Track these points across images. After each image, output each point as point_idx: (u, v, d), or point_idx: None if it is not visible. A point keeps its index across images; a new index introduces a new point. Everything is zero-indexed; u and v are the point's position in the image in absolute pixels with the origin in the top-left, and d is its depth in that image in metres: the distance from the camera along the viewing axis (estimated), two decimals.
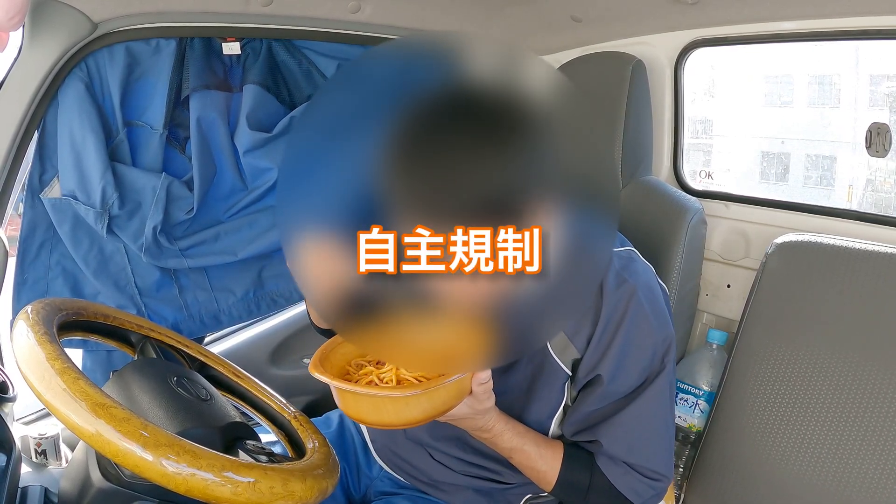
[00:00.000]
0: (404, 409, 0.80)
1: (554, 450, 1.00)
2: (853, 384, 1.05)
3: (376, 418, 0.81)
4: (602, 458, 0.98)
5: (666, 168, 1.50)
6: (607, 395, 0.97)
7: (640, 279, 0.98)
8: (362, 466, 1.26)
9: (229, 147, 1.49)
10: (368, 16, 1.53)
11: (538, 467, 0.99)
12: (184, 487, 0.70)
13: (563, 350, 0.99)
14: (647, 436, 0.97)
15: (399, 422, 0.81)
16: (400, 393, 0.81)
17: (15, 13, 1.08)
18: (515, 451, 0.98)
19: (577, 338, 0.98)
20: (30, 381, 0.76)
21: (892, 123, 1.20)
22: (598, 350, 0.97)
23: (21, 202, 1.41)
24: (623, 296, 0.95)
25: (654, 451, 0.98)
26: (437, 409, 0.83)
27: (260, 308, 1.62)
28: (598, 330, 0.96)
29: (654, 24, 1.43)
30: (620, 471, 0.98)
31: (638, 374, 0.96)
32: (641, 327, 0.96)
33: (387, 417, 0.81)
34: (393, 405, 0.80)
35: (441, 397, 0.82)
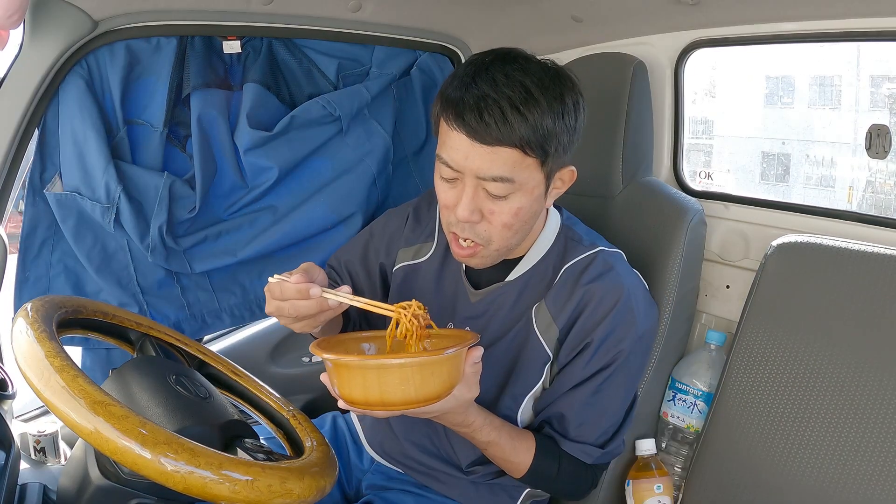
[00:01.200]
0: (410, 380, 0.81)
1: (527, 442, 1.04)
2: (851, 385, 1.05)
3: (378, 395, 0.81)
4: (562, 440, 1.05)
5: (666, 168, 1.50)
6: (574, 374, 1.03)
7: (629, 279, 1.05)
8: (354, 460, 1.27)
9: (230, 145, 1.49)
10: (369, 15, 1.53)
11: (511, 459, 1.03)
12: (182, 485, 0.71)
13: (547, 329, 1.04)
14: (598, 413, 1.04)
15: (402, 398, 0.81)
16: (407, 358, 0.81)
17: (14, 11, 1.08)
18: (491, 445, 1.01)
19: (559, 319, 1.03)
20: (29, 378, 0.76)
21: (892, 125, 1.20)
22: (578, 335, 1.02)
23: (21, 199, 1.42)
24: (613, 288, 1.01)
25: (604, 427, 1.05)
26: (436, 387, 0.83)
27: (262, 309, 1.62)
28: (581, 318, 1.02)
29: (655, 25, 1.43)
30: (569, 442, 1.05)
31: (608, 359, 1.02)
32: (626, 320, 1.01)
33: (390, 393, 0.81)
34: (399, 374, 0.80)
35: (442, 370, 0.83)
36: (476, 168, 0.92)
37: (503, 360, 1.07)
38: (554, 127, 0.91)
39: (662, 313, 1.21)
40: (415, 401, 0.82)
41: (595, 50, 1.52)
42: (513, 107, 0.89)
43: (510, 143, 0.90)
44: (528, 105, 0.89)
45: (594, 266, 1.04)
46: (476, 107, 0.89)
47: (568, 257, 1.06)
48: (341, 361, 0.82)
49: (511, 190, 0.93)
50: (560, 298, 1.04)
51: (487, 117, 0.88)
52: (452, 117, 0.91)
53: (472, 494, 1.15)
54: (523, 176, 0.93)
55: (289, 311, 0.90)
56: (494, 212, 0.95)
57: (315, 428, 1.01)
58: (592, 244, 1.07)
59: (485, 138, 0.90)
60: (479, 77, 0.91)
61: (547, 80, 0.92)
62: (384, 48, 1.63)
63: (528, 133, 0.89)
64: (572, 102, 0.94)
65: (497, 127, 0.89)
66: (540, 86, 0.91)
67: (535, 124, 0.89)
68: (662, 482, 1.22)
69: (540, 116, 0.90)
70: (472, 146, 0.91)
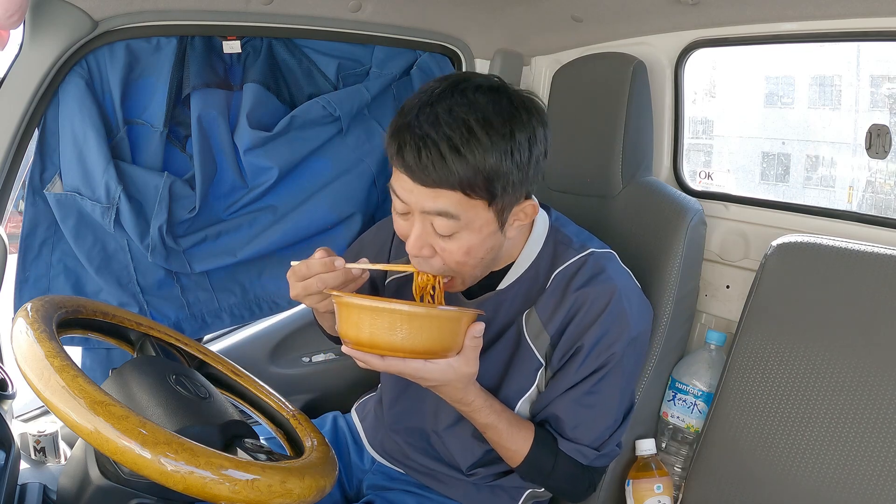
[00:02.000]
0: (417, 330, 0.85)
1: (525, 432, 1.04)
2: (851, 385, 1.05)
3: (386, 338, 0.85)
4: (560, 440, 1.05)
5: (666, 168, 1.50)
6: (568, 377, 1.03)
7: (621, 279, 1.04)
8: (354, 460, 1.27)
9: (230, 145, 1.49)
10: (369, 15, 1.53)
11: (508, 446, 1.03)
12: (182, 485, 0.71)
13: (538, 336, 1.04)
14: (593, 415, 1.04)
15: (389, 343, 0.85)
16: (398, 305, 0.86)
17: (14, 11, 1.08)
18: (489, 428, 1.01)
19: (550, 325, 1.03)
20: (29, 378, 0.76)
21: (892, 125, 1.20)
22: (570, 340, 1.02)
23: (21, 199, 1.42)
24: (604, 291, 1.00)
25: (600, 429, 1.05)
26: (437, 341, 0.87)
27: (262, 309, 1.62)
28: (573, 323, 1.01)
29: (655, 25, 1.43)
30: (566, 441, 1.05)
31: (601, 362, 1.02)
32: (618, 322, 1.01)
33: (378, 336, 0.85)
34: (408, 322, 0.84)
35: (432, 327, 0.86)
36: (421, 205, 0.89)
37: (495, 367, 1.06)
38: (500, 167, 0.86)
39: (662, 313, 1.21)
40: (401, 349, 0.85)
41: (595, 50, 1.52)
42: (452, 148, 0.84)
43: (450, 185, 0.86)
44: (470, 145, 0.85)
45: (584, 270, 1.02)
46: (416, 147, 0.85)
47: (558, 262, 1.04)
48: (342, 299, 0.87)
49: (457, 228, 0.90)
50: (550, 305, 1.03)
51: (426, 159, 0.85)
52: (394, 155, 0.89)
53: (474, 495, 1.15)
54: (469, 215, 0.89)
55: (316, 286, 0.93)
56: (445, 249, 0.93)
57: (315, 428, 1.01)
58: (583, 246, 1.05)
59: (424, 180, 0.87)
60: (422, 113, 0.86)
61: (495, 115, 0.86)
62: (384, 48, 1.62)
63: (469, 175, 0.85)
64: (525, 137, 0.89)
65: (435, 169, 0.85)
66: (484, 123, 0.86)
67: (476, 166, 0.85)
68: (662, 482, 1.22)
69: (482, 157, 0.85)
70: (415, 186, 0.88)
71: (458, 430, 1.10)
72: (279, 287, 1.62)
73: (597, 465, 1.07)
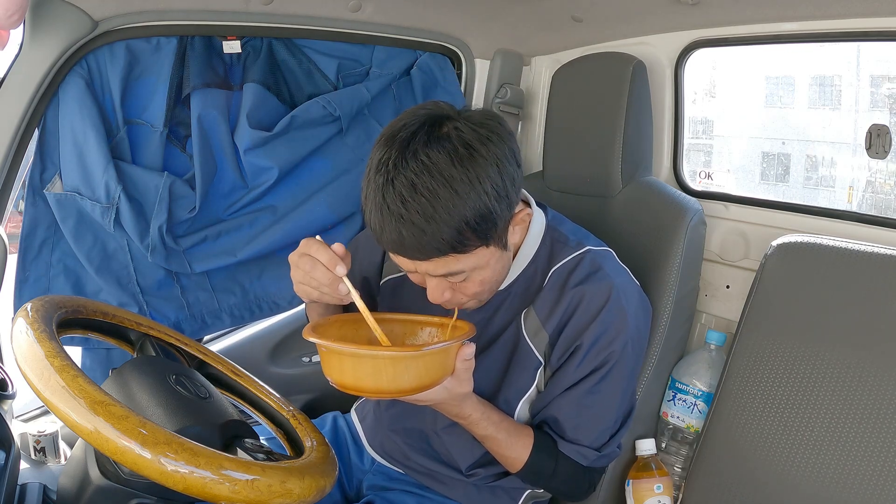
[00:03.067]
0: (402, 372, 0.82)
1: (525, 438, 1.04)
2: (852, 385, 1.05)
3: (372, 383, 0.83)
4: (560, 441, 1.05)
5: (666, 168, 1.50)
6: (567, 376, 1.03)
7: (619, 277, 1.04)
8: (354, 460, 1.27)
9: (230, 145, 1.49)
10: (369, 15, 1.53)
11: (508, 454, 1.04)
12: (182, 485, 0.71)
13: (536, 334, 1.04)
14: (593, 415, 1.04)
15: (375, 387, 0.83)
16: (400, 351, 0.84)
17: (14, 11, 1.08)
18: (488, 439, 1.02)
19: (548, 323, 1.03)
20: (29, 378, 0.76)
21: (892, 125, 1.20)
22: (569, 339, 1.02)
23: (21, 199, 1.42)
24: (602, 289, 1.01)
25: (600, 430, 1.05)
26: (426, 378, 0.85)
27: (262, 309, 1.62)
28: (571, 321, 1.01)
29: (655, 25, 1.43)
30: (566, 443, 1.05)
31: (600, 361, 1.02)
32: (617, 320, 1.01)
33: (364, 380, 0.83)
34: (392, 366, 0.82)
35: (419, 366, 0.84)
36: (426, 270, 0.92)
37: (495, 367, 1.06)
38: (479, 210, 0.87)
39: (662, 313, 1.21)
40: (388, 391, 0.84)
41: (595, 50, 1.52)
42: (428, 218, 0.85)
43: (441, 252, 0.88)
44: (443, 208, 0.85)
45: (581, 267, 1.02)
46: (396, 230, 0.86)
47: (555, 260, 1.05)
48: (320, 345, 0.84)
49: (467, 275, 0.94)
50: (548, 303, 1.03)
51: (409, 238, 0.86)
52: (379, 240, 0.91)
53: (474, 496, 1.15)
54: (472, 262, 0.92)
55: (305, 265, 0.92)
56: (461, 287, 0.96)
57: (315, 428, 1.01)
58: (579, 244, 1.05)
59: (416, 255, 0.89)
60: (387, 193, 0.86)
61: (454, 167, 0.85)
62: (384, 48, 1.62)
63: (453, 235, 0.86)
64: (493, 169, 0.87)
65: (421, 244, 0.87)
66: (448, 180, 0.84)
67: (457, 224, 0.86)
68: (662, 482, 1.22)
69: (459, 213, 0.85)
70: (412, 262, 0.91)
71: (457, 431, 1.10)
72: (279, 287, 1.62)
73: (597, 465, 1.07)
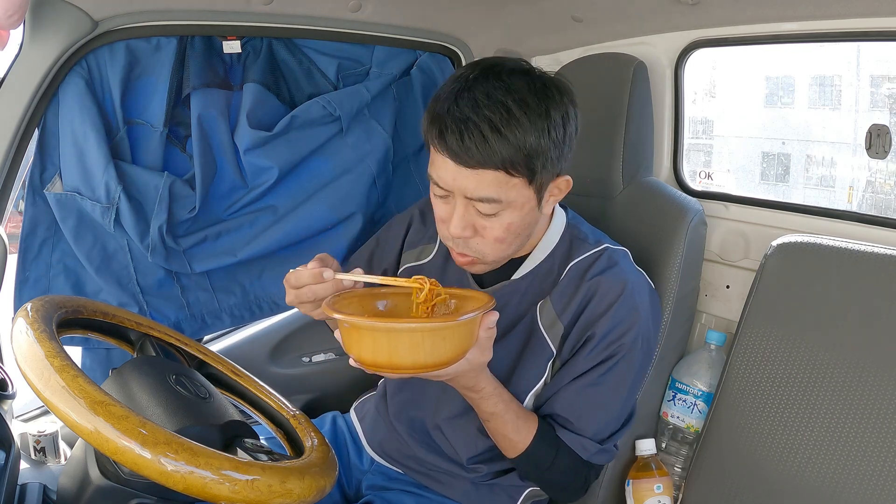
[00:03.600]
0: (420, 345, 0.80)
1: (530, 423, 1.04)
2: (851, 385, 1.05)
3: (387, 358, 0.80)
4: (559, 429, 1.05)
5: (666, 169, 1.50)
6: (576, 366, 1.03)
7: (633, 275, 1.05)
8: (353, 460, 1.27)
9: (230, 145, 1.49)
10: (369, 14, 1.53)
11: (511, 436, 1.03)
12: (182, 485, 0.71)
13: (552, 326, 1.05)
14: (597, 406, 1.04)
15: (412, 362, 0.80)
16: (419, 323, 0.81)
17: (14, 11, 1.08)
18: (495, 416, 1.00)
19: (564, 315, 1.04)
20: (29, 378, 0.76)
21: (892, 125, 1.20)
22: (582, 328, 1.03)
23: (21, 199, 1.42)
24: (617, 282, 1.02)
25: (603, 422, 1.05)
26: (458, 348, 0.83)
27: (262, 309, 1.62)
28: (586, 311, 1.02)
29: (655, 25, 1.43)
30: (568, 432, 1.04)
31: (609, 352, 1.02)
32: (630, 314, 1.01)
33: (400, 357, 0.80)
34: (410, 339, 0.80)
35: (454, 336, 0.82)
36: (464, 188, 0.92)
37: (507, 358, 1.07)
38: (539, 144, 0.90)
39: (662, 313, 1.21)
40: (424, 366, 0.81)
41: (595, 50, 1.52)
42: (493, 129, 0.88)
43: (493, 165, 0.89)
44: (510, 125, 0.88)
45: (599, 262, 1.04)
46: (458, 130, 0.89)
47: (574, 255, 1.07)
48: (352, 322, 0.81)
49: (500, 208, 0.94)
50: (565, 295, 1.04)
51: (468, 141, 0.88)
52: (436, 140, 0.92)
53: (473, 495, 1.15)
54: (511, 195, 0.93)
55: (307, 296, 0.92)
56: (486, 227, 0.96)
57: (315, 428, 1.01)
58: (598, 242, 1.08)
59: (468, 161, 0.90)
60: (461, 97, 0.90)
61: (530, 96, 0.91)
62: (384, 48, 1.63)
63: (511, 154, 0.89)
64: (560, 115, 0.93)
65: (478, 150, 0.88)
66: (522, 104, 0.89)
67: (517, 145, 0.89)
68: (662, 482, 1.22)
69: (522, 136, 0.89)
70: (458, 168, 0.91)
71: (460, 422, 1.10)
72: (279, 287, 1.61)
73: (595, 461, 1.06)
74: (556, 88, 0.94)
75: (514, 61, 0.96)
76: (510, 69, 0.93)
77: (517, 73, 0.93)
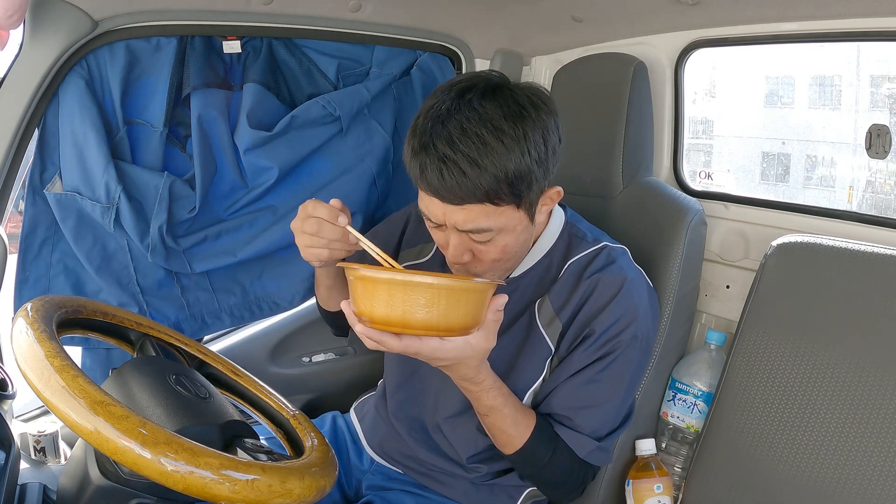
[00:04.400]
0: (436, 303, 0.79)
1: (528, 419, 1.03)
2: (851, 385, 1.05)
3: (400, 314, 0.80)
4: (556, 425, 1.04)
5: (666, 169, 1.50)
6: (574, 363, 1.03)
7: (632, 272, 1.06)
8: (353, 460, 1.27)
9: (230, 145, 1.49)
10: (369, 14, 1.53)
11: (510, 431, 1.02)
12: (182, 485, 0.71)
13: (550, 323, 1.05)
14: (595, 403, 1.03)
15: (424, 321, 0.80)
16: (438, 278, 0.80)
17: (14, 11, 1.08)
18: (494, 410, 1.00)
19: (562, 312, 1.04)
20: (29, 378, 0.76)
21: (892, 125, 1.20)
22: (580, 326, 1.03)
23: (21, 199, 1.42)
24: (615, 279, 1.02)
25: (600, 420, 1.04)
26: (461, 317, 0.82)
27: (262, 309, 1.62)
28: (584, 308, 1.03)
29: (655, 25, 1.43)
30: (565, 429, 1.04)
31: (607, 349, 1.02)
32: (628, 311, 1.02)
33: (413, 313, 0.79)
34: (427, 294, 0.79)
35: (468, 301, 0.82)
36: (454, 222, 0.93)
37: (505, 355, 1.07)
38: (520, 167, 0.90)
39: (663, 313, 1.21)
40: (436, 326, 0.81)
41: (595, 50, 1.52)
42: (471, 162, 0.88)
43: (477, 199, 0.90)
44: (488, 156, 0.88)
45: (598, 260, 1.05)
46: (437, 169, 0.89)
47: (572, 253, 1.07)
48: (369, 275, 0.81)
49: (493, 235, 0.95)
50: (564, 293, 1.04)
51: (449, 179, 0.88)
52: (417, 178, 0.93)
53: (473, 495, 1.15)
54: (501, 221, 0.93)
55: (311, 228, 0.94)
56: (483, 251, 0.97)
57: (315, 428, 1.01)
58: (597, 240, 1.08)
59: (452, 199, 0.90)
60: (436, 134, 0.90)
61: (505, 121, 0.89)
62: (384, 48, 1.63)
63: (492, 184, 0.89)
64: (539, 134, 0.92)
65: (460, 186, 0.89)
66: (497, 131, 0.89)
67: (497, 174, 0.89)
68: (662, 482, 1.22)
69: (502, 164, 0.88)
70: (444, 205, 0.92)
71: (459, 421, 1.10)
72: (279, 287, 1.62)
73: (591, 460, 1.06)
74: (531, 105, 0.92)
75: (488, 78, 0.94)
76: (482, 92, 0.91)
77: (489, 95, 0.91)
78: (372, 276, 0.81)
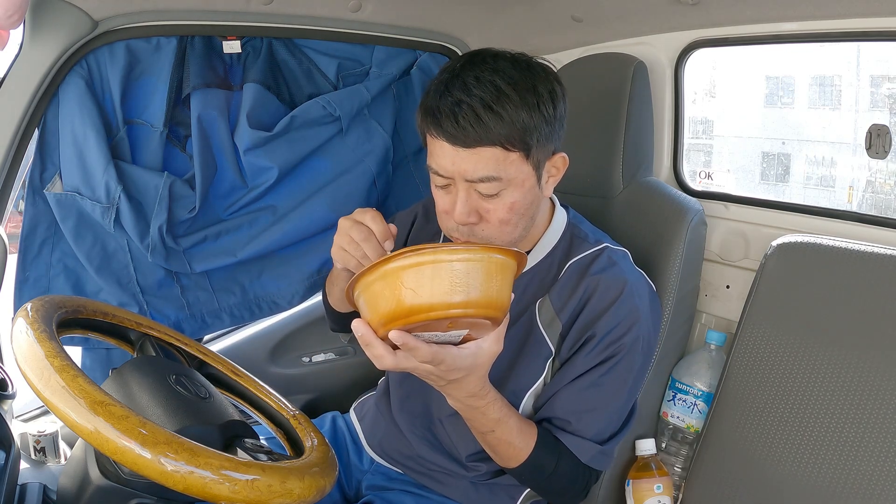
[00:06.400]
0: (464, 277, 0.77)
1: (530, 426, 1.03)
2: (851, 385, 1.05)
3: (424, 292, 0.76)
4: (557, 431, 1.03)
5: (666, 169, 1.50)
6: (575, 367, 1.03)
7: (633, 275, 1.05)
8: (353, 461, 1.27)
9: (230, 145, 1.49)
10: (369, 14, 1.53)
11: (516, 443, 1.00)
12: (182, 485, 0.71)
13: (550, 324, 1.05)
14: (597, 407, 1.03)
15: (450, 299, 0.76)
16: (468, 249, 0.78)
17: (14, 11, 1.08)
18: (500, 423, 0.98)
19: (563, 313, 1.04)
20: (29, 378, 0.76)
21: (892, 125, 1.20)
22: (581, 328, 1.02)
23: (21, 199, 1.42)
24: (617, 281, 1.02)
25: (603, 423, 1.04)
26: (484, 293, 0.79)
27: (262, 309, 1.62)
28: (585, 310, 1.02)
29: (655, 25, 1.43)
30: (568, 435, 1.03)
31: (609, 352, 1.02)
32: (630, 314, 1.01)
33: (439, 289, 0.76)
34: (450, 271, 0.76)
35: (494, 276, 0.79)
36: (463, 171, 0.94)
37: (505, 355, 1.05)
38: (531, 119, 0.93)
39: (663, 313, 1.21)
40: (465, 303, 0.77)
41: (595, 50, 1.52)
42: (486, 106, 0.91)
43: (489, 142, 0.92)
44: (501, 102, 0.91)
45: (599, 261, 1.05)
46: (451, 113, 0.91)
47: (573, 253, 1.07)
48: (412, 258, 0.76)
49: (501, 187, 0.95)
50: (564, 293, 1.04)
51: (463, 121, 0.91)
52: (432, 126, 0.94)
53: (472, 495, 1.15)
54: (510, 171, 0.94)
55: (358, 235, 0.93)
56: (490, 210, 0.97)
57: (315, 428, 1.01)
58: (598, 241, 1.08)
59: (464, 141, 0.92)
60: (451, 84, 0.93)
61: (517, 74, 0.94)
62: (384, 48, 1.63)
63: (504, 129, 0.92)
64: (546, 91, 0.95)
65: (474, 129, 0.91)
66: (510, 81, 0.93)
67: (510, 120, 0.91)
68: (662, 482, 1.22)
69: (514, 111, 0.92)
70: (455, 151, 0.93)
71: (461, 419, 1.10)
72: (279, 287, 1.62)
73: (594, 465, 1.06)
74: (542, 69, 0.98)
75: (498, 49, 0.99)
76: (494, 54, 0.96)
77: (501, 57, 0.96)
78: (416, 262, 0.76)
